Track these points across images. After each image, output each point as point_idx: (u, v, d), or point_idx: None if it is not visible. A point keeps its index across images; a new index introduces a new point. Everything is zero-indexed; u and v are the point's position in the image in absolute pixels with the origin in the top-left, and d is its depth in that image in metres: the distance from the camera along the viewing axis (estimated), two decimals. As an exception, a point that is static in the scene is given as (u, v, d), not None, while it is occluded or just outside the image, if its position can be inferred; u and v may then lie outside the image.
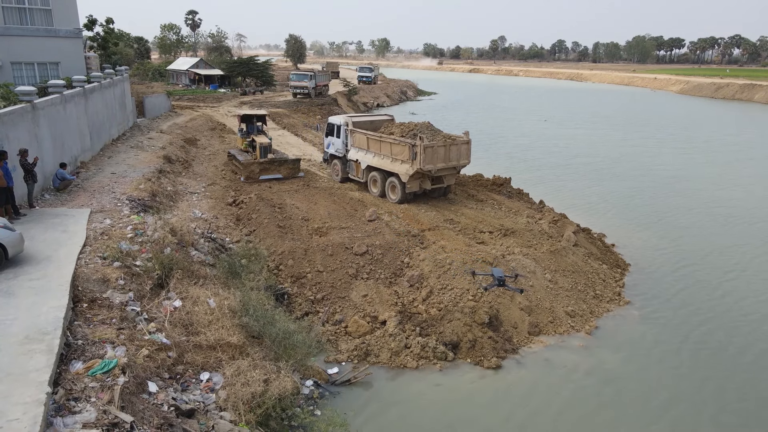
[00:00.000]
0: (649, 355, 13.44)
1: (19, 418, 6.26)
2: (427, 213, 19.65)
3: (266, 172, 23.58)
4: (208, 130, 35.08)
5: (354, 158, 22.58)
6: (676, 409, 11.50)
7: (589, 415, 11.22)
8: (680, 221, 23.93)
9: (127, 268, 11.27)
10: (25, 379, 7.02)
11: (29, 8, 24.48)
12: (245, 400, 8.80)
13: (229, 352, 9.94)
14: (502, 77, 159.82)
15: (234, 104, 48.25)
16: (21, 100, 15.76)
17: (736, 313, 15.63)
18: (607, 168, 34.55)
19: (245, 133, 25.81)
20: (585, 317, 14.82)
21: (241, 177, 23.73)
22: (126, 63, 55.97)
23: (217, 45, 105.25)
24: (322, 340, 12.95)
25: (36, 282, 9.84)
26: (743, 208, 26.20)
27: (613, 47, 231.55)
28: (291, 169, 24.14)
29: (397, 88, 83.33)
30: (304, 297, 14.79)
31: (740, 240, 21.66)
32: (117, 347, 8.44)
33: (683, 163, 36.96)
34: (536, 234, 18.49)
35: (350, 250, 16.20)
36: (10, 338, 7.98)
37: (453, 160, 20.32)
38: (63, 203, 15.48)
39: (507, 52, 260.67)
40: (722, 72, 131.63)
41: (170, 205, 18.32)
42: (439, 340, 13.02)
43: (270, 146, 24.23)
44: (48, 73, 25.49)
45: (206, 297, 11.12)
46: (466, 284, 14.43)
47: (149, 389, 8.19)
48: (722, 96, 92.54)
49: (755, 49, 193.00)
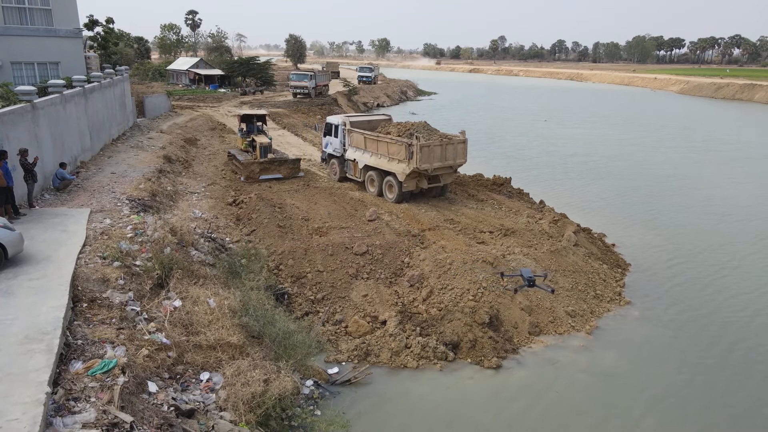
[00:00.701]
0: (650, 355, 13.42)
1: (18, 418, 6.25)
2: (427, 213, 19.63)
3: (266, 171, 23.59)
4: (208, 130, 35.07)
5: (351, 158, 22.62)
6: (677, 409, 11.48)
7: (589, 415, 11.20)
8: (680, 221, 23.91)
9: (127, 268, 11.26)
10: (25, 379, 7.00)
11: (29, 8, 24.48)
12: (245, 400, 8.79)
13: (229, 352, 9.92)
14: (503, 77, 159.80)
15: (234, 104, 48.25)
16: (21, 99, 15.75)
17: (737, 313, 15.60)
18: (608, 168, 34.52)
19: (245, 133, 25.82)
20: (585, 317, 14.80)
21: (241, 177, 23.74)
22: (126, 63, 55.99)
23: (217, 45, 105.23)
24: (322, 340, 12.94)
25: (36, 282, 9.82)
26: (741, 206, 26.17)
27: (613, 47, 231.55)
28: (291, 169, 24.15)
29: (397, 88, 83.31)
30: (304, 297, 14.78)
31: (739, 238, 21.65)
32: (117, 347, 8.42)
33: (683, 163, 36.92)
34: (536, 234, 18.47)
35: (350, 250, 16.18)
36: (10, 338, 7.97)
37: (449, 159, 20.34)
38: (63, 203, 15.47)
39: (507, 52, 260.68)
40: (722, 72, 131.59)
41: (170, 204, 18.32)
42: (439, 340, 13.00)
43: (270, 146, 24.24)
44: (48, 72, 25.48)
45: (206, 297, 11.10)
46: (466, 284, 14.41)
47: (149, 389, 8.17)
48: (722, 96, 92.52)
49: (755, 49, 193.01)
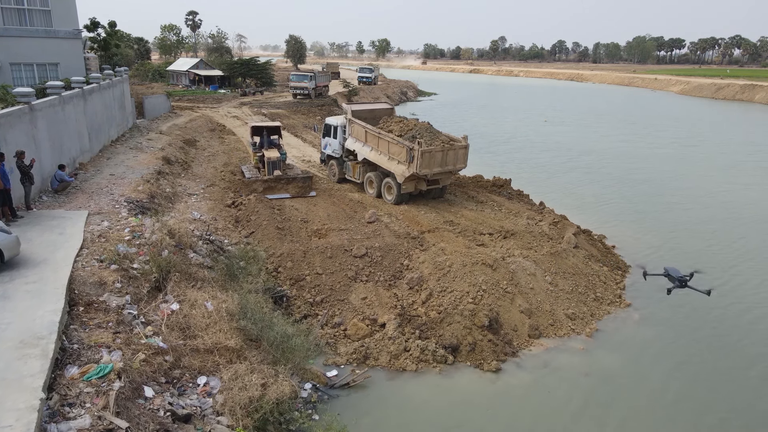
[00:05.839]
0: (650, 358, 13.36)
1: (12, 425, 6.19)
2: (426, 214, 19.56)
3: (271, 191, 21.17)
4: (207, 131, 35.00)
5: (351, 148, 22.29)
6: (678, 411, 11.41)
7: (589, 418, 11.14)
8: (681, 221, 23.83)
9: (125, 271, 11.20)
10: (19, 385, 6.94)
11: (28, 9, 24.42)
12: (243, 405, 8.72)
13: (227, 355, 9.86)
14: (503, 78, 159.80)
15: (234, 105, 48.20)
16: (19, 101, 15.68)
17: (737, 314, 15.54)
18: (608, 168, 34.45)
19: (257, 147, 23.56)
20: (586, 320, 14.74)
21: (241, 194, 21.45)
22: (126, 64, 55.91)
23: (217, 46, 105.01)
24: (320, 343, 12.89)
25: (32, 285, 9.76)
26: (741, 207, 26.11)
27: (614, 48, 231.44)
28: (301, 188, 21.53)
29: (397, 88, 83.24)
30: (303, 299, 14.71)
31: (739, 239, 21.59)
32: (113, 351, 8.36)
33: (683, 163, 36.86)
34: (536, 236, 18.40)
35: (349, 253, 16.12)
36: (5, 343, 7.90)
37: (450, 164, 20.18)
38: (60, 205, 15.40)
39: (507, 53, 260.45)
40: (723, 72, 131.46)
41: (169, 206, 18.25)
42: (438, 343, 12.94)
43: (279, 161, 22.03)
44: (47, 74, 25.43)
45: (204, 300, 11.03)
46: (465, 287, 14.34)
47: (145, 394, 8.11)
48: (723, 96, 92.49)
49: (756, 50, 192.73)
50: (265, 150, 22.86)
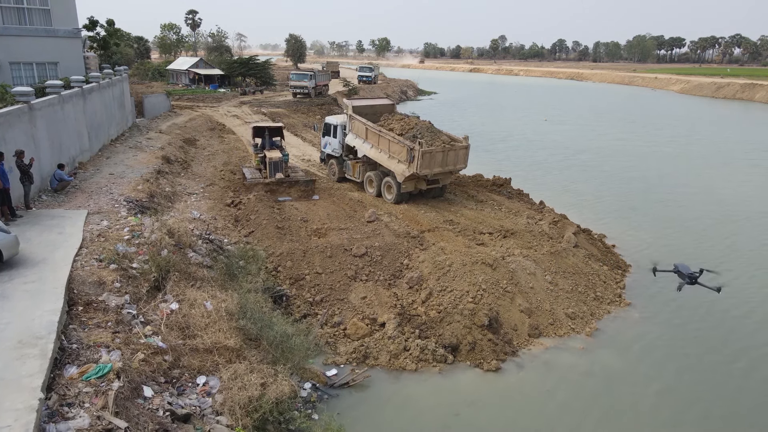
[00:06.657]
0: (650, 357, 13.35)
1: (10, 425, 6.16)
2: (426, 214, 19.54)
3: (273, 194, 20.86)
4: (207, 131, 34.96)
5: (351, 144, 22.22)
6: (678, 411, 11.40)
7: (589, 418, 11.13)
8: (682, 221, 23.81)
9: (124, 271, 11.17)
10: (18, 385, 6.92)
11: (28, 8, 24.39)
12: (242, 404, 8.71)
13: (226, 355, 9.84)
14: (503, 77, 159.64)
15: (234, 104, 48.15)
16: (18, 100, 15.66)
17: (739, 314, 15.52)
18: (608, 168, 34.42)
19: (259, 148, 23.17)
20: (585, 319, 14.73)
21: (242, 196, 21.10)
22: (126, 63, 55.86)
23: (217, 45, 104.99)
24: (320, 342, 12.87)
25: (31, 285, 9.74)
26: (742, 206, 26.08)
27: (614, 47, 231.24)
28: (303, 191, 21.06)
29: (397, 87, 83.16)
30: (302, 299, 14.70)
31: (739, 238, 21.56)
32: (112, 351, 8.34)
33: (683, 163, 36.82)
34: (536, 235, 18.38)
35: (349, 252, 16.11)
36: (4, 343, 7.88)
37: (450, 165, 20.12)
38: (60, 204, 15.38)
39: (507, 52, 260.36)
40: (723, 71, 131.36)
41: (168, 206, 18.23)
42: (438, 343, 12.93)
43: (281, 162, 21.45)
44: (47, 73, 25.41)
45: (203, 299, 11.01)
46: (465, 286, 14.33)
47: (144, 394, 8.09)
48: (723, 95, 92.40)
49: (756, 49, 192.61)
50: (266, 151, 22.45)
